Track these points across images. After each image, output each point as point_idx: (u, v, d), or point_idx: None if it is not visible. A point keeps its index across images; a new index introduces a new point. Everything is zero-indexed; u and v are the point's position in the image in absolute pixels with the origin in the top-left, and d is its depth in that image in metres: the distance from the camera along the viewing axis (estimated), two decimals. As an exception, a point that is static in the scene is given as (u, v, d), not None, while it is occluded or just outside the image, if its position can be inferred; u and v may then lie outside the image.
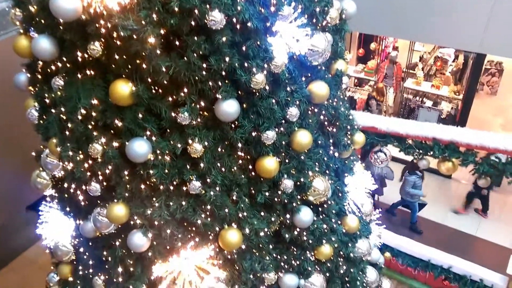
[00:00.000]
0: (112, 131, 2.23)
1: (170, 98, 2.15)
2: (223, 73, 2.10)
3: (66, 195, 2.74)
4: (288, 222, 2.63)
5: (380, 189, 7.77)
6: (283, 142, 2.40)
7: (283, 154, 2.45)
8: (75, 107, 2.17)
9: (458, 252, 7.11)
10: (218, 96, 2.13)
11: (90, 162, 2.29)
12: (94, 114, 2.17)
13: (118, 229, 2.49)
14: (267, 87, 2.21)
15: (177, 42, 2.03)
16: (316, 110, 2.61)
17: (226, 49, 2.03)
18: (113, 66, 2.12)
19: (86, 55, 2.13)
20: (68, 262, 3.07)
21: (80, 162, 2.30)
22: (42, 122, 2.51)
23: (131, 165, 2.25)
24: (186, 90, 2.11)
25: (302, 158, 2.53)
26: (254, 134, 2.30)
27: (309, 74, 2.52)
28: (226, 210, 2.40)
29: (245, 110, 2.26)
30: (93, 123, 2.21)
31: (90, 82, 2.16)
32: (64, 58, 2.24)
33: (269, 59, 2.13)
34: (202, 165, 2.29)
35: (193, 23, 1.95)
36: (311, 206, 2.65)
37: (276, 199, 2.52)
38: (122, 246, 2.51)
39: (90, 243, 2.74)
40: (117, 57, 2.06)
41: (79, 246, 2.87)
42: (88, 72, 2.18)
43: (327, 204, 2.78)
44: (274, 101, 2.26)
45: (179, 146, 2.23)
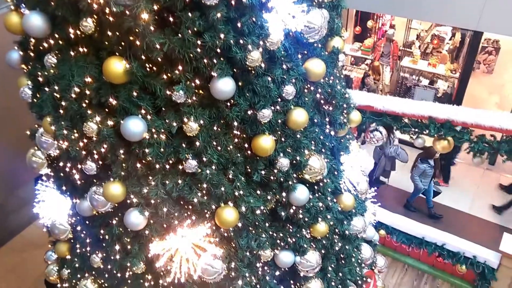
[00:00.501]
0: (106, 110, 2.21)
1: (165, 76, 2.13)
2: (218, 50, 2.07)
3: (62, 174, 2.73)
4: (284, 200, 2.64)
5: (389, 172, 7.73)
6: (279, 121, 2.39)
7: (279, 132, 2.45)
8: (69, 85, 2.14)
9: (452, 229, 7.21)
10: (213, 74, 2.11)
11: (85, 140, 2.28)
12: (88, 92, 2.15)
13: (115, 207, 2.50)
14: (263, 65, 2.18)
15: (171, 19, 2.00)
16: (312, 88, 2.59)
17: (221, 25, 2.00)
18: (106, 43, 2.09)
19: (78, 32, 2.09)
20: (65, 241, 3.10)
21: (75, 141, 2.29)
22: (35, 100, 2.48)
23: (127, 143, 2.24)
24: (180, 67, 2.09)
25: (298, 136, 2.53)
26: (250, 112, 2.29)
27: (305, 52, 2.49)
28: (223, 189, 2.40)
29: (240, 88, 2.24)
30: (87, 101, 2.18)
31: (83, 60, 2.13)
32: (56, 35, 2.21)
33: (264, 36, 2.10)
34: (198, 143, 2.28)
35: (187, -1, 1.91)
36: (307, 185, 2.66)
37: (272, 178, 2.52)
38: (119, 225, 2.52)
39: (87, 222, 2.76)
40: (110, 33, 2.03)
41: (76, 224, 2.89)
42: (81, 49, 2.15)
43: (323, 182, 2.79)
44: (270, 79, 2.24)
45: (175, 124, 2.22)
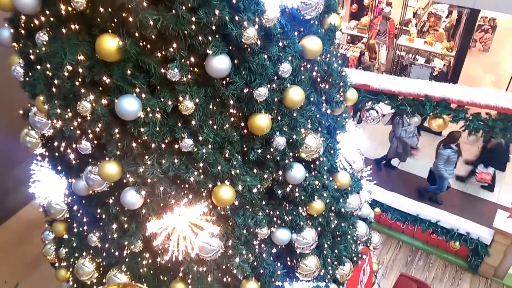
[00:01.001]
0: (100, 88, 2.18)
1: (159, 54, 2.09)
2: (213, 27, 2.04)
3: (56, 154, 2.71)
4: (280, 178, 2.65)
5: (403, 154, 7.70)
6: (275, 99, 2.37)
7: (275, 111, 2.43)
8: (61, 63, 2.10)
9: (446, 206, 7.30)
10: (208, 51, 2.07)
11: (79, 120, 2.26)
12: (80, 70, 2.11)
13: (111, 187, 2.49)
14: (259, 42, 2.15)
15: (164, -6, 1.95)
16: (308, 66, 2.56)
17: (216, 1, 1.96)
18: (98, 20, 2.04)
19: (70, 8, 2.04)
20: (62, 220, 3.10)
21: (69, 120, 2.26)
22: (28, 79, 2.44)
23: (122, 123, 2.21)
24: (175, 45, 2.05)
25: (295, 115, 2.52)
26: (246, 90, 2.27)
27: (301, 29, 2.45)
28: (219, 168, 2.40)
29: (236, 66, 2.21)
30: (80, 80, 2.15)
31: (75, 37, 2.09)
32: (47, 12, 2.15)
33: (260, 12, 2.06)
34: (193, 122, 2.26)
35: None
36: (303, 163, 2.67)
37: (268, 156, 2.52)
38: (115, 204, 2.52)
39: (84, 201, 2.75)
40: (102, 10, 1.98)
41: (72, 204, 2.89)
42: (72, 26, 2.10)
43: (319, 161, 2.79)
44: (266, 56, 2.21)
45: (170, 103, 2.20)
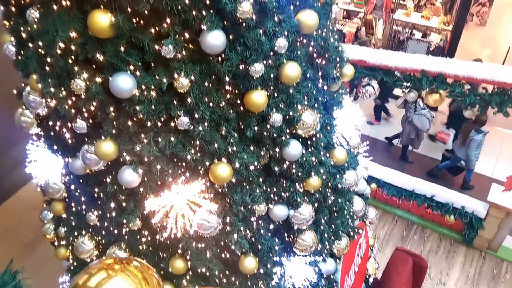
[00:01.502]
0: (94, 66, 2.14)
1: (153, 30, 2.05)
2: (207, 1, 1.99)
3: (52, 133, 2.70)
4: (277, 155, 2.65)
5: (416, 140, 7.70)
6: (272, 75, 2.35)
7: (272, 87, 2.41)
8: (53, 41, 2.06)
9: (442, 181, 7.37)
10: (203, 27, 2.04)
11: (73, 98, 2.23)
12: (73, 47, 2.07)
13: (108, 165, 2.49)
14: (254, 17, 2.11)
15: (157, -32, 1.90)
16: (305, 41, 2.53)
17: (210, -26, 1.92)
18: (90, -5, 1.99)
19: (60, -16, 1.99)
20: (60, 199, 3.11)
21: (63, 99, 2.24)
22: (20, 57, 2.40)
23: (117, 101, 2.19)
24: (168, 20, 2.01)
25: (291, 91, 2.50)
26: (241, 67, 2.24)
27: (297, 3, 2.41)
28: (216, 145, 2.40)
29: (231, 42, 2.18)
30: (73, 58, 2.11)
31: (67, 14, 2.04)
32: (37, -12, 2.10)
33: (255, -14, 2.02)
34: (189, 100, 2.24)
35: None
36: (300, 140, 2.66)
37: (265, 133, 2.51)
38: (113, 183, 2.53)
39: (81, 180, 2.75)
40: (93, -15, 1.94)
41: (70, 183, 2.89)
42: (64, 2, 2.05)
43: (316, 137, 2.79)
44: (261, 31, 2.18)
45: (165, 81, 2.17)
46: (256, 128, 2.48)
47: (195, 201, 2.48)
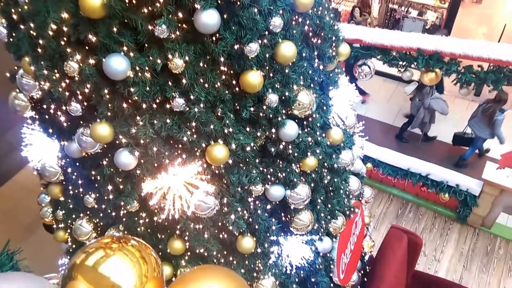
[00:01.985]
0: (87, 48, 2.11)
1: (146, 10, 2.02)
2: (201, -20, 1.96)
3: (46, 117, 2.68)
4: (273, 136, 2.65)
5: (428, 124, 7.67)
6: (267, 55, 2.33)
7: (267, 67, 2.39)
8: (44, 22, 2.02)
9: (436, 160, 7.42)
10: (196, 6, 2.01)
11: (67, 81, 2.21)
12: (65, 29, 2.04)
13: (104, 148, 2.48)
14: (248, -5, 2.08)
15: None
16: (300, 20, 2.50)
17: (203, -48, 1.87)
18: (80, -26, 1.95)
19: (49, -37, 1.94)
20: (57, 183, 3.11)
21: (56, 81, 2.21)
22: (12, 39, 2.37)
23: (111, 83, 2.17)
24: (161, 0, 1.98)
25: (287, 71, 2.48)
26: (236, 47, 2.22)
27: (292, -19, 2.37)
28: (212, 127, 2.39)
29: (226, 21, 2.15)
30: (65, 39, 2.08)
31: (58, -6, 2.00)
32: (26, -33, 2.05)
33: (249, -37, 1.98)
34: (184, 81, 2.23)
35: None
36: (296, 120, 2.66)
37: (261, 114, 2.51)
38: (109, 165, 2.52)
39: (77, 163, 2.75)
40: (84, -36, 1.89)
41: (66, 166, 2.88)
42: (54, -18, 2.01)
43: (312, 117, 2.79)
44: (256, 10, 2.14)
45: (159, 61, 2.15)
46: (252, 109, 2.47)
47: (192, 182, 2.48)
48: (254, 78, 2.32)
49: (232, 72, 2.35)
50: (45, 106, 2.57)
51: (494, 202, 6.67)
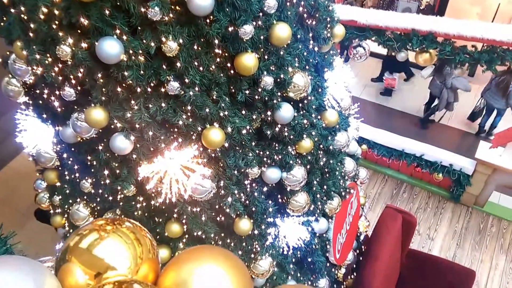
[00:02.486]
0: (79, 31, 2.09)
1: (138, -8, 1.99)
2: (194, -39, 1.93)
3: (40, 102, 2.66)
4: (269, 119, 2.65)
5: (452, 104, 7.64)
6: (262, 37, 2.31)
7: (262, 50, 2.38)
8: (35, 5, 1.99)
9: (431, 140, 7.46)
10: (190, -13, 1.98)
11: (60, 65, 2.18)
12: (56, 12, 2.01)
13: (99, 133, 2.47)
14: (242, -24, 2.05)
15: None
16: (294, 1, 2.48)
17: None
18: (70, -44, 1.91)
19: None
20: (53, 168, 3.10)
21: (49, 66, 2.18)
22: (3, 24, 2.33)
23: (105, 67, 2.15)
24: (154, -19, 1.95)
25: (282, 53, 2.47)
26: (230, 29, 2.20)
27: (286, -40, 2.34)
28: (207, 110, 2.38)
29: (219, 2, 2.12)
30: (57, 23, 2.05)
31: (48, -24, 1.96)
32: (14, -51, 2.01)
33: None
34: (178, 64, 2.21)
35: None
36: (292, 102, 2.66)
37: (256, 97, 2.50)
38: (105, 150, 2.52)
39: (73, 149, 2.74)
40: None
41: (62, 152, 2.87)
42: (43, -36, 1.97)
43: (307, 99, 2.79)
44: (250, -9, 2.12)
45: (153, 45, 2.13)
46: (247, 91, 2.46)
47: (189, 166, 2.49)
48: (249, 61, 2.30)
49: (226, 54, 2.33)
50: (38, 91, 2.55)
51: (487, 181, 6.75)
